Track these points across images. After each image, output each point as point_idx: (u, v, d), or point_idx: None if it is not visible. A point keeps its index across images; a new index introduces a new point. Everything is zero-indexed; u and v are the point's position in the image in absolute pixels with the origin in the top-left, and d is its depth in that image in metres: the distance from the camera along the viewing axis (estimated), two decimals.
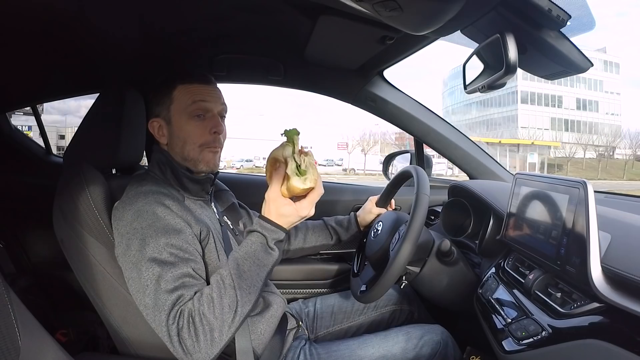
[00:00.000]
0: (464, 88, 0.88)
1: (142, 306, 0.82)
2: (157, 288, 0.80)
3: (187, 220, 0.89)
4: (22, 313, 0.62)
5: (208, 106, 0.99)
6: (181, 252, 0.85)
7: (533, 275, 0.85)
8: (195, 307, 0.79)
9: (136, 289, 0.83)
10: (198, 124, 0.98)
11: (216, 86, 1.04)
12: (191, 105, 0.98)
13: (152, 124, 1.01)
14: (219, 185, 1.25)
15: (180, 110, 0.98)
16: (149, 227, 0.84)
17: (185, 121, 0.98)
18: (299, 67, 1.49)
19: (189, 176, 0.99)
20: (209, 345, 0.77)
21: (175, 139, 0.99)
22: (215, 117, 1.00)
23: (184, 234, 0.87)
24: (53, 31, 1.11)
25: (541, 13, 0.64)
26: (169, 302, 0.79)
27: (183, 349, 0.77)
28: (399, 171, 1.30)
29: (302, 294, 1.58)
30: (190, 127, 0.98)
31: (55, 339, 0.69)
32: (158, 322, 0.79)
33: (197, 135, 0.98)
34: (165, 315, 0.78)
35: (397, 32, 1.08)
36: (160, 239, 0.83)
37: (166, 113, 0.99)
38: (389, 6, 0.65)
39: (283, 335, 1.08)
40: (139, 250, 0.83)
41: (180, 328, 0.78)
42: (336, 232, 1.37)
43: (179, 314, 0.79)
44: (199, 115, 0.98)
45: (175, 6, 1.06)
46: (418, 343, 1.08)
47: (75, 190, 0.92)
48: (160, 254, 0.82)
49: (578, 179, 0.76)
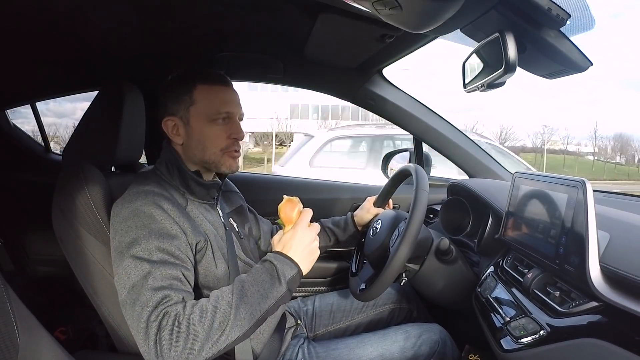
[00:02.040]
0: (463, 87, 0.88)
1: (124, 300, 0.79)
2: (143, 284, 0.78)
3: (184, 228, 0.87)
4: (20, 311, 0.62)
5: (231, 110, 0.96)
6: (172, 258, 0.82)
7: (532, 274, 0.86)
8: (186, 313, 0.76)
9: (122, 284, 0.80)
10: (220, 128, 0.95)
11: (234, 89, 1.01)
12: (214, 110, 0.94)
13: (167, 123, 0.96)
14: (229, 185, 1.21)
15: (201, 113, 0.94)
16: (144, 228, 0.83)
17: (206, 125, 0.95)
18: (298, 65, 1.49)
19: (196, 179, 0.96)
20: (186, 355, 0.73)
21: (194, 142, 0.96)
22: (236, 123, 0.98)
23: (177, 240, 0.85)
24: (52, 28, 1.10)
25: (541, 12, 0.64)
26: (153, 299, 0.76)
27: (157, 350, 0.73)
28: (398, 169, 1.30)
29: (301, 292, 1.59)
30: (211, 132, 0.95)
31: (54, 336, 0.69)
32: (137, 318, 0.76)
33: (219, 139, 0.95)
34: (148, 312, 0.75)
35: (397, 31, 1.08)
36: (152, 242, 0.81)
37: (184, 113, 0.95)
38: (388, 4, 0.65)
39: (282, 333, 1.08)
40: (128, 248, 0.81)
41: (162, 328, 0.74)
42: (334, 234, 1.36)
43: (162, 314, 0.76)
44: (221, 119, 0.95)
45: (175, 3, 1.05)
46: (417, 342, 1.08)
47: (74, 188, 0.92)
48: (150, 256, 0.80)
49: (577, 178, 0.76)
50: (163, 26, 1.20)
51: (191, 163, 0.98)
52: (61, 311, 1.65)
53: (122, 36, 1.23)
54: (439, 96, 11.39)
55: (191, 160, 0.98)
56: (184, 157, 0.98)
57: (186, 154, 0.98)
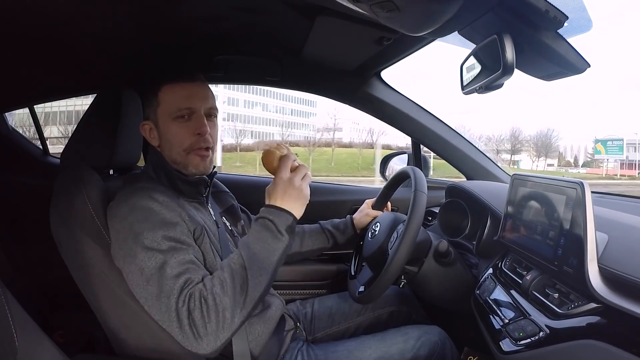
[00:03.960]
0: (461, 89, 0.89)
1: (145, 297, 0.81)
2: (161, 275, 0.79)
3: (182, 216, 0.89)
4: (19, 314, 0.62)
5: (192, 106, 0.96)
6: (179, 244, 0.84)
7: (530, 275, 0.86)
8: (207, 288, 0.78)
9: (138, 282, 0.82)
10: (182, 125, 0.96)
11: (204, 84, 1.00)
12: (175, 107, 0.95)
13: (144, 127, 1.00)
14: (218, 186, 1.23)
15: (165, 113, 0.96)
16: (145, 221, 0.84)
17: (170, 124, 0.96)
18: (296, 68, 1.49)
19: (182, 178, 0.98)
20: (221, 326, 0.76)
21: (164, 142, 0.98)
22: (200, 118, 0.96)
23: (180, 226, 0.87)
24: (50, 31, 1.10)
25: (538, 14, 0.64)
26: (177, 286, 0.78)
27: (194, 333, 0.76)
28: (396, 172, 1.30)
29: (300, 295, 1.58)
30: (174, 130, 0.96)
31: (52, 340, 0.69)
32: (166, 309, 0.78)
33: (182, 137, 0.96)
34: (175, 299, 0.77)
35: (395, 33, 1.08)
36: (157, 232, 0.83)
37: (154, 116, 0.98)
38: (386, 7, 0.65)
39: (281, 336, 1.08)
40: (135, 244, 0.82)
41: (192, 310, 0.77)
42: (333, 236, 1.36)
43: (188, 297, 0.78)
44: (182, 116, 0.95)
45: (173, 6, 1.05)
46: (416, 344, 1.08)
47: (72, 191, 0.92)
48: (159, 246, 0.82)
49: (575, 179, 0.76)
50: (161, 29, 1.20)
51: (172, 163, 0.99)
52: (59, 315, 1.65)
53: (120, 39, 1.23)
54: None
55: (170, 161, 0.99)
56: (165, 159, 0.99)
57: (164, 155, 0.99)
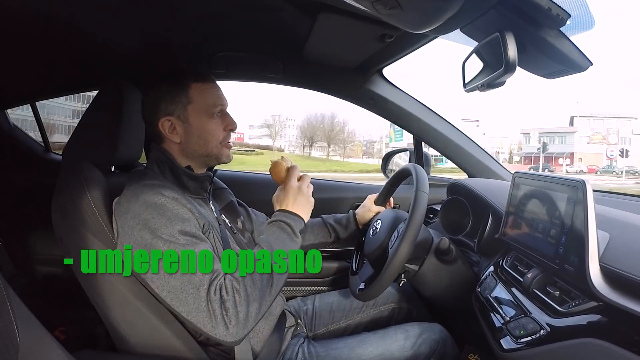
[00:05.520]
0: (463, 87, 0.88)
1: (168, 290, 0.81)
2: None
3: (193, 212, 0.90)
4: (21, 311, 0.62)
5: (223, 104, 1.04)
6: (194, 238, 0.86)
7: (531, 273, 0.86)
8: (238, 280, 0.82)
9: (161, 277, 0.82)
10: (217, 122, 1.02)
11: None
12: (211, 105, 1.00)
13: (164, 123, 0.98)
14: (217, 183, 1.24)
15: (200, 110, 0.99)
16: (160, 217, 0.85)
17: (206, 120, 1.00)
18: (298, 65, 1.49)
19: (189, 174, 0.99)
20: (249, 317, 0.80)
21: (194, 138, 1.00)
22: (228, 116, 1.05)
23: (193, 221, 0.89)
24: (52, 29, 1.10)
25: (541, 12, 0.64)
26: (206, 277, 0.81)
27: (225, 322, 0.78)
28: (398, 169, 1.30)
29: (300, 291, 1.58)
30: (211, 126, 1.01)
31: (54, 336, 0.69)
32: (194, 300, 0.79)
33: (218, 133, 1.02)
34: (205, 290, 0.79)
35: (397, 30, 1.08)
36: (174, 227, 0.84)
37: (182, 112, 0.99)
38: (388, 4, 0.65)
39: (281, 333, 1.08)
40: (153, 239, 0.83)
41: (225, 300, 0.79)
42: (335, 230, 1.37)
43: (219, 288, 0.80)
44: (217, 113, 1.02)
45: (175, 3, 1.05)
46: (416, 341, 1.08)
47: (74, 188, 0.92)
48: (177, 240, 0.83)
49: (577, 177, 0.76)
50: (162, 26, 1.20)
51: (185, 159, 1.01)
52: (61, 311, 1.65)
53: (121, 36, 1.23)
54: None
55: (188, 156, 1.01)
56: (177, 155, 1.01)
57: (184, 150, 1.01)
